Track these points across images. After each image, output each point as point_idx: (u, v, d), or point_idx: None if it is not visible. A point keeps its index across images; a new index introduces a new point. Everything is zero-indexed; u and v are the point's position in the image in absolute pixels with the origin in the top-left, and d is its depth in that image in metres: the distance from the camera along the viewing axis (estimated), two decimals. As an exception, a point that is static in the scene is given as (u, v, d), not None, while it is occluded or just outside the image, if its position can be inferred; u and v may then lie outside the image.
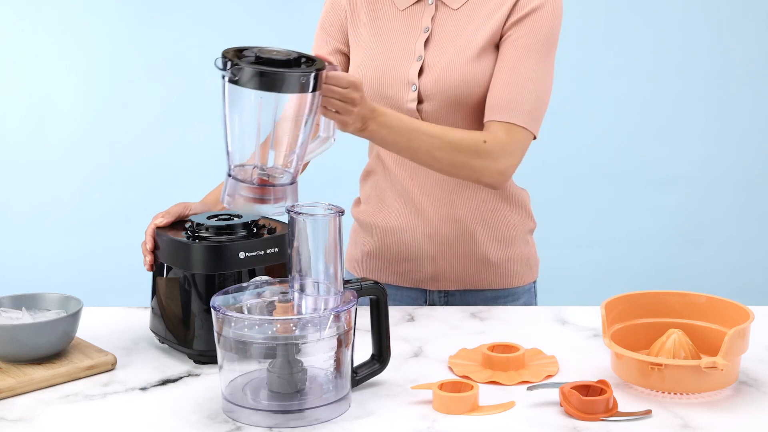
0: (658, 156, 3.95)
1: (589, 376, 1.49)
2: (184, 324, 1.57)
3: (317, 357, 1.40)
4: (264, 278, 1.54)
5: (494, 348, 1.55)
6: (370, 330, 1.48)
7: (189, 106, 3.87)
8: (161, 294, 1.62)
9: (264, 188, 1.51)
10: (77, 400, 1.45)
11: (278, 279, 1.50)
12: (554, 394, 1.42)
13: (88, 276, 3.86)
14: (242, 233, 1.59)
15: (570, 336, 1.69)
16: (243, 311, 1.43)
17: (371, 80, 1.84)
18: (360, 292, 1.43)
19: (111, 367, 1.55)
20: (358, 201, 2.00)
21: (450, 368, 1.54)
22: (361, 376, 1.46)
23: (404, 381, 1.49)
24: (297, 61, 1.49)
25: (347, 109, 1.57)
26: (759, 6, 3.88)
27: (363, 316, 1.59)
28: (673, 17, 3.88)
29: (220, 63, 1.47)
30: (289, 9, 3.84)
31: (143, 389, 1.48)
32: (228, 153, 1.53)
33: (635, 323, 1.58)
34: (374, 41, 1.86)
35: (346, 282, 1.43)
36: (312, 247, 1.38)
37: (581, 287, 3.87)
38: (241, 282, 1.54)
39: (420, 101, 1.81)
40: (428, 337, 1.68)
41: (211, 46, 3.87)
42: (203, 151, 3.69)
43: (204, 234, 1.58)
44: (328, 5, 1.94)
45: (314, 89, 1.48)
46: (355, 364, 1.46)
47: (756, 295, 3.77)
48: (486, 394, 1.43)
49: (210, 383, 1.50)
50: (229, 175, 1.51)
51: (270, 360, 1.38)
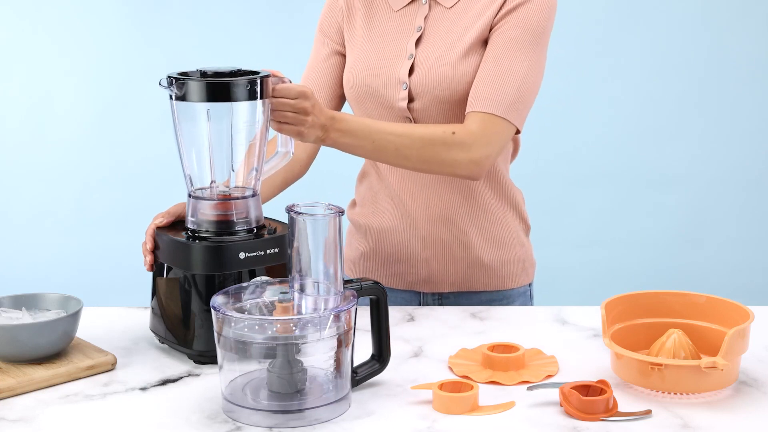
0: (658, 156, 3.95)
1: (589, 376, 1.49)
2: (184, 324, 1.57)
3: (317, 357, 1.40)
4: (264, 278, 1.54)
5: (494, 348, 1.55)
6: (370, 330, 1.48)
7: (189, 106, 3.87)
8: (161, 294, 1.62)
9: (226, 203, 1.54)
10: (77, 400, 1.45)
11: (278, 279, 1.50)
12: (554, 394, 1.42)
13: (88, 276, 3.86)
14: (242, 233, 1.59)
15: (570, 336, 1.69)
16: (243, 311, 1.43)
17: (363, 79, 1.84)
18: (360, 292, 1.43)
19: (111, 367, 1.55)
20: (354, 203, 2.00)
21: (450, 368, 1.54)
22: (361, 376, 1.46)
23: (404, 381, 1.49)
24: (243, 74, 1.56)
25: (300, 120, 1.59)
26: (758, 6, 3.88)
27: (363, 316, 1.59)
28: (673, 17, 3.88)
29: (165, 82, 1.54)
30: (289, 9, 3.84)
31: (143, 389, 1.48)
32: (185, 173, 1.58)
33: (635, 323, 1.58)
34: (368, 41, 1.86)
35: (346, 282, 1.43)
36: (312, 247, 1.38)
37: (581, 287, 3.86)
38: (241, 282, 1.54)
39: (411, 99, 1.81)
40: (428, 337, 1.68)
41: (211, 46, 3.90)
42: (203, 151, 3.69)
43: (204, 234, 1.58)
44: (326, 7, 1.94)
45: (262, 96, 1.55)
46: (355, 364, 1.46)
47: (756, 295, 3.77)
48: (486, 394, 1.43)
49: (210, 383, 1.50)
50: (190, 196, 1.57)
51: (270, 360, 1.38)
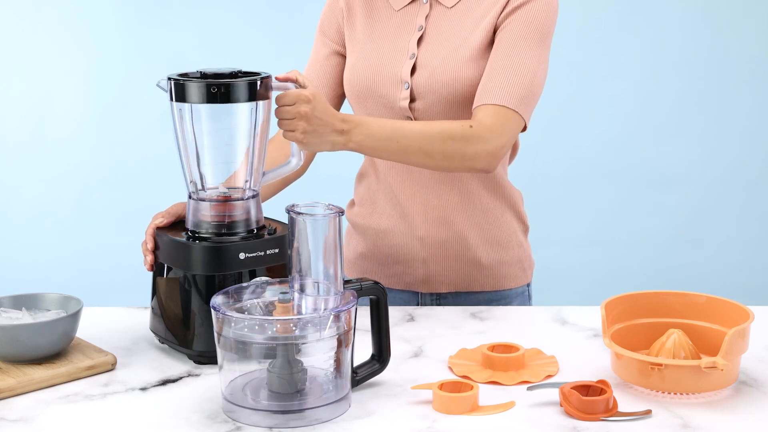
0: (658, 156, 3.95)
1: (589, 376, 1.49)
2: (184, 324, 1.57)
3: (317, 357, 1.40)
4: (264, 278, 1.54)
5: (494, 348, 1.55)
6: (370, 330, 1.48)
7: (189, 106, 3.87)
8: (161, 294, 1.62)
9: (226, 204, 1.54)
10: (77, 400, 1.45)
11: (278, 279, 1.51)
12: (554, 394, 1.42)
13: (88, 276, 3.86)
14: (243, 234, 1.59)
15: (570, 336, 1.69)
16: (243, 311, 1.43)
17: (364, 78, 1.84)
18: (360, 292, 1.43)
19: (111, 367, 1.55)
20: (353, 203, 2.00)
21: (450, 368, 1.54)
22: (361, 376, 1.46)
23: (404, 381, 1.49)
24: (244, 75, 1.56)
25: (297, 125, 1.58)
26: (758, 6, 3.88)
27: (363, 316, 1.59)
28: (673, 17, 3.88)
29: (163, 83, 1.54)
30: (289, 9, 3.84)
31: (143, 389, 1.48)
32: (185, 174, 1.58)
33: (635, 323, 1.58)
34: (369, 41, 1.86)
35: (346, 282, 1.43)
36: (312, 247, 1.38)
37: (581, 287, 3.87)
38: (241, 282, 1.54)
39: (413, 99, 1.81)
40: (428, 337, 1.68)
41: (211, 47, 3.90)
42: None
43: (204, 234, 1.58)
44: (327, 7, 1.94)
45: (262, 98, 1.55)
46: (355, 364, 1.46)
47: (756, 295, 3.77)
48: (486, 394, 1.43)
49: (210, 383, 1.50)
50: (190, 196, 1.57)
51: (270, 360, 1.38)
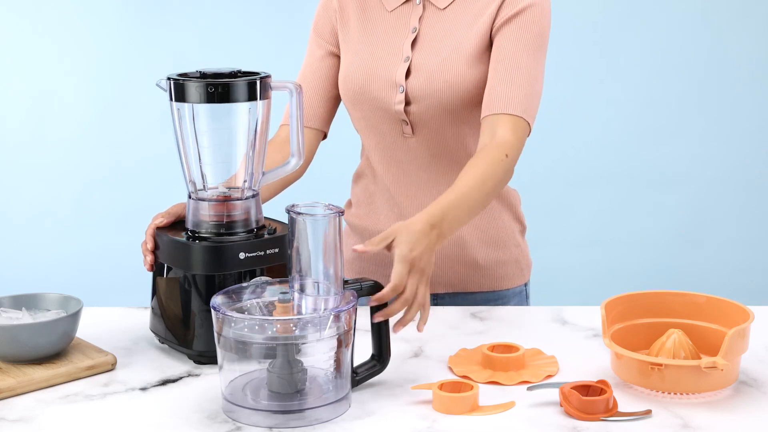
0: (658, 156, 3.95)
1: (589, 376, 1.49)
2: (184, 324, 1.56)
3: (317, 357, 1.40)
4: (264, 278, 1.54)
5: (494, 348, 1.55)
6: (370, 330, 1.48)
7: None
8: (161, 294, 1.62)
9: (226, 204, 1.54)
10: (77, 400, 1.45)
11: (278, 279, 1.51)
12: (554, 394, 1.42)
13: (88, 276, 3.86)
14: (242, 233, 1.59)
15: (570, 336, 1.69)
16: (243, 311, 1.43)
17: (358, 81, 1.84)
18: (360, 292, 1.43)
19: (111, 367, 1.55)
20: (350, 203, 1.99)
21: (450, 368, 1.54)
22: (361, 377, 1.46)
23: (404, 381, 1.49)
24: (243, 75, 1.56)
25: (426, 270, 1.51)
26: (758, 6, 3.88)
27: (363, 316, 1.59)
28: (673, 17, 3.88)
29: (163, 83, 1.54)
30: (289, 9, 3.84)
31: (143, 389, 1.48)
32: (185, 174, 1.59)
33: (635, 323, 1.58)
34: (362, 43, 1.86)
35: (346, 282, 1.43)
36: (312, 247, 1.38)
37: (581, 287, 3.87)
38: (241, 282, 1.54)
39: (408, 103, 1.81)
40: (428, 337, 1.68)
41: (211, 47, 3.89)
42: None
43: (204, 234, 1.58)
44: (320, 8, 1.93)
45: (261, 97, 1.55)
46: (355, 364, 1.46)
47: (756, 295, 3.76)
48: (486, 394, 1.43)
49: (210, 383, 1.50)
50: (190, 196, 1.57)
51: (270, 360, 1.38)
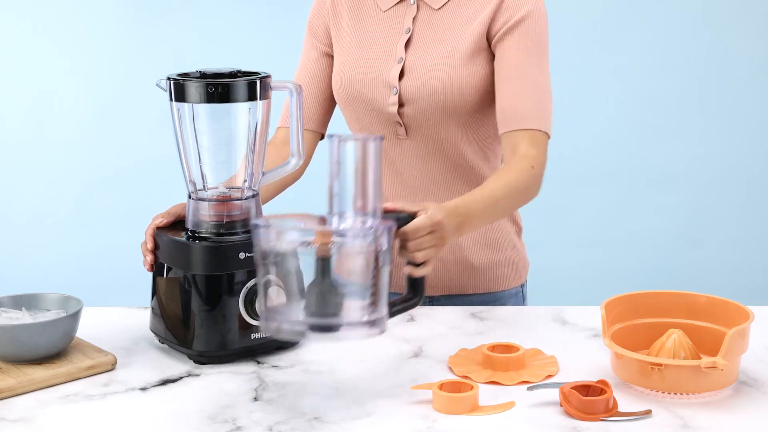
0: (658, 155, 3.95)
1: (589, 376, 1.49)
2: (184, 324, 1.57)
3: (355, 275, 1.36)
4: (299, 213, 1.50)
5: (494, 348, 1.55)
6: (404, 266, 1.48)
7: (189, 106, 3.87)
8: (161, 294, 1.62)
9: (226, 204, 1.55)
10: (77, 400, 1.45)
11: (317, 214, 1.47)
12: (554, 394, 1.42)
13: (88, 276, 3.85)
14: (242, 233, 1.59)
15: (570, 336, 1.69)
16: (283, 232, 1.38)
17: (351, 82, 1.84)
18: (398, 222, 1.43)
19: (111, 367, 1.55)
20: None
21: (450, 368, 1.54)
22: (397, 308, 1.46)
23: (404, 381, 1.49)
24: (243, 75, 1.56)
25: (433, 254, 1.51)
26: (758, 6, 3.88)
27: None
28: (673, 16, 3.88)
29: (163, 83, 1.54)
30: (289, 9, 3.84)
31: (143, 389, 1.48)
32: (185, 174, 1.59)
33: (635, 323, 1.58)
34: (356, 43, 1.85)
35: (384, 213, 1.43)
36: (351, 173, 1.37)
37: (581, 287, 3.86)
38: (241, 282, 1.54)
39: (401, 104, 1.81)
40: (428, 337, 1.68)
41: (212, 47, 3.89)
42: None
43: (204, 234, 1.58)
44: (314, 8, 1.93)
45: (261, 97, 1.55)
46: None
47: (756, 295, 3.76)
48: (486, 394, 1.43)
49: (210, 383, 1.50)
50: (190, 196, 1.57)
51: (309, 278, 1.35)
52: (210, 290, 1.54)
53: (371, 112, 1.83)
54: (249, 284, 1.55)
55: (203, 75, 1.54)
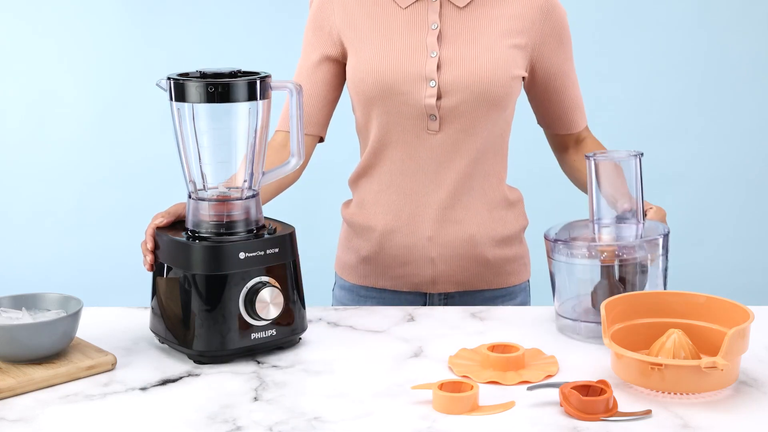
0: (657, 155, 3.94)
1: (589, 376, 1.49)
2: (184, 324, 1.57)
3: (637, 279, 1.63)
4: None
5: (494, 348, 1.55)
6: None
7: (189, 106, 3.87)
8: (161, 294, 1.62)
9: (226, 204, 1.54)
10: (77, 400, 1.45)
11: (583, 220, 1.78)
12: (554, 394, 1.42)
13: (88, 276, 3.86)
14: (242, 233, 1.59)
15: (570, 336, 1.69)
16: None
17: (383, 76, 1.82)
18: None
19: (111, 367, 1.55)
20: (349, 203, 1.98)
21: (450, 368, 1.54)
22: None
23: (404, 381, 1.49)
24: (243, 75, 1.57)
25: None
26: (758, 6, 3.88)
27: (364, 316, 1.59)
28: (672, 16, 3.88)
29: (163, 83, 1.54)
30: (289, 9, 3.84)
31: (143, 389, 1.48)
32: (185, 174, 1.59)
33: (635, 323, 1.58)
34: (380, 37, 1.85)
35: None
36: (633, 185, 1.69)
37: (581, 287, 3.86)
38: (241, 282, 1.54)
39: (439, 97, 1.81)
40: (428, 337, 1.68)
41: (211, 47, 3.90)
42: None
43: (204, 234, 1.58)
44: (316, 10, 1.91)
45: (261, 97, 1.55)
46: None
47: (756, 295, 3.76)
48: (486, 394, 1.43)
49: (210, 383, 1.50)
50: (190, 196, 1.57)
51: (594, 283, 1.63)
52: (210, 290, 1.54)
53: (402, 106, 1.83)
54: (249, 284, 1.55)
55: (203, 75, 1.54)
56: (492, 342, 1.59)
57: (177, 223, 1.66)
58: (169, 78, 1.55)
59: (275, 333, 1.58)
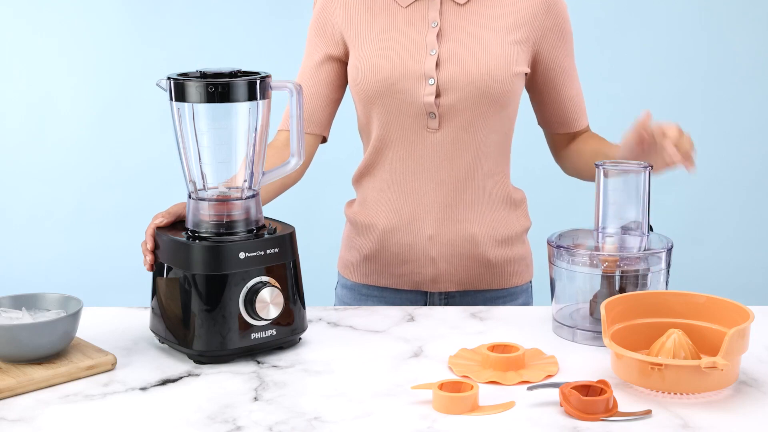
0: (658, 156, 3.95)
1: (589, 376, 1.49)
2: (184, 324, 1.57)
3: (638, 291, 1.63)
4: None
5: (494, 348, 1.55)
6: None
7: (189, 106, 3.87)
8: (161, 294, 1.62)
9: (226, 204, 1.54)
10: (77, 400, 1.45)
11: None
12: (554, 394, 1.42)
13: (88, 276, 3.86)
14: (242, 233, 1.59)
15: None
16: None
17: (383, 74, 1.83)
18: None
19: (111, 367, 1.55)
20: (352, 202, 1.99)
21: (450, 368, 1.54)
22: None
23: (404, 381, 1.49)
24: (243, 75, 1.57)
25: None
26: (758, 5, 3.88)
27: (363, 316, 1.59)
28: (672, 16, 3.88)
29: (163, 83, 1.54)
30: (289, 9, 3.84)
31: (143, 389, 1.48)
32: (185, 174, 1.59)
33: (635, 323, 1.58)
34: (381, 36, 1.85)
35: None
36: (625, 197, 1.68)
37: (581, 287, 3.86)
38: (241, 282, 1.54)
39: (438, 95, 1.81)
40: (428, 337, 1.68)
41: (211, 47, 3.90)
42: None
43: (204, 234, 1.58)
44: (319, 10, 1.92)
45: (261, 97, 1.55)
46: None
47: (756, 295, 3.77)
48: (486, 394, 1.43)
49: (210, 383, 1.50)
50: (190, 196, 1.57)
51: (594, 291, 1.64)
52: (210, 290, 1.54)
53: (401, 104, 1.83)
54: (249, 284, 1.55)
55: (203, 75, 1.54)
56: (492, 342, 1.59)
57: (177, 223, 1.66)
58: (169, 78, 1.55)
59: (275, 333, 1.58)
